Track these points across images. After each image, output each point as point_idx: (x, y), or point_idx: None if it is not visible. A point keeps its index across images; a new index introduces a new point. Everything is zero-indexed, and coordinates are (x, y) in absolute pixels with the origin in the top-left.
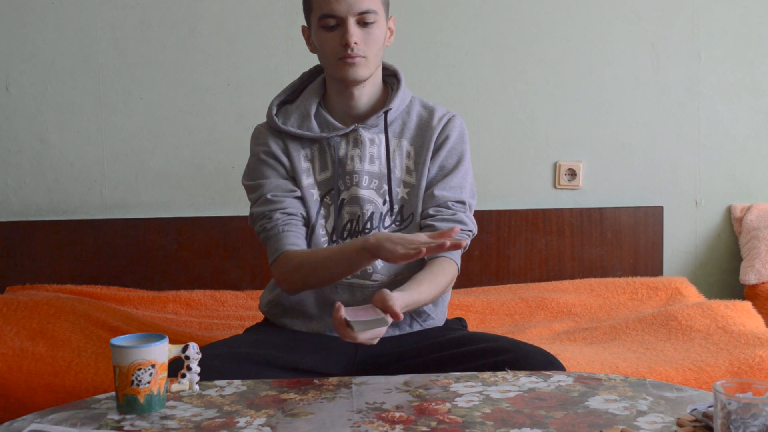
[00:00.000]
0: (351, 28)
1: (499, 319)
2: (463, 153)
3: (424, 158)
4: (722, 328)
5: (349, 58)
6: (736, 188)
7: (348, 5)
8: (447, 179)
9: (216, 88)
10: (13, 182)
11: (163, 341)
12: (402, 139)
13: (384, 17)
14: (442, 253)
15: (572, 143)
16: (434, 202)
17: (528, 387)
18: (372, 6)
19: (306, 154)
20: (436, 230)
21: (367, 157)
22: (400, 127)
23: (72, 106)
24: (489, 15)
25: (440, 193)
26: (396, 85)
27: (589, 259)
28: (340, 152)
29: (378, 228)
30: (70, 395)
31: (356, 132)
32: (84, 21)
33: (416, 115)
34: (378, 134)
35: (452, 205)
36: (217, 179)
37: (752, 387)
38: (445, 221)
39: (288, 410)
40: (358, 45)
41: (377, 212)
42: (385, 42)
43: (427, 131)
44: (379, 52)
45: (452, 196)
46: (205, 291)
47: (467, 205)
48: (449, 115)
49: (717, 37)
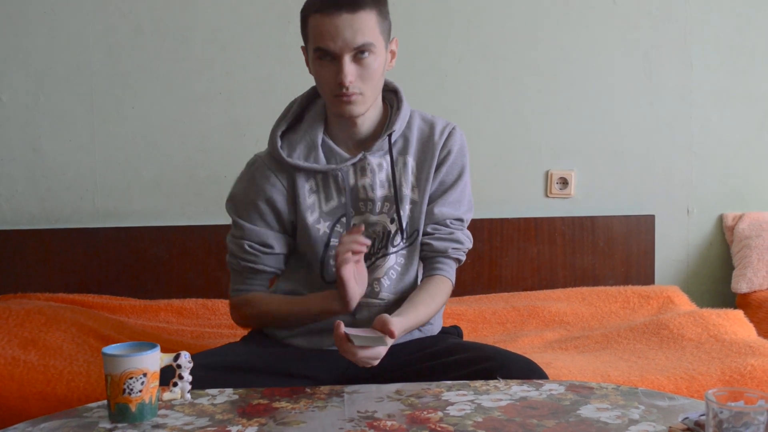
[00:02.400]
0: (346, 66)
1: (491, 327)
2: (463, 167)
3: (427, 173)
4: (714, 337)
5: (345, 96)
6: (728, 197)
7: (343, 41)
8: (446, 195)
9: (209, 97)
10: (6, 191)
11: (155, 350)
12: (406, 156)
13: (383, 45)
14: (437, 271)
15: (564, 152)
16: (433, 219)
17: (520, 396)
18: (368, 39)
19: (311, 186)
20: (433, 249)
21: (377, 184)
22: (402, 143)
23: (65, 114)
24: (482, 23)
25: (439, 210)
26: (396, 104)
27: (581, 267)
28: (350, 182)
29: (387, 248)
30: (62, 404)
31: (364, 160)
32: (77, 29)
33: (417, 129)
34: (384, 157)
35: (450, 223)
36: (209, 188)
37: (744, 395)
38: (441, 240)
39: (280, 419)
40: (353, 83)
41: (386, 233)
42: (384, 69)
43: (429, 146)
44: (377, 84)
45: (450, 213)
46: (197, 300)
47: (464, 221)
48: (449, 127)
49: (709, 46)
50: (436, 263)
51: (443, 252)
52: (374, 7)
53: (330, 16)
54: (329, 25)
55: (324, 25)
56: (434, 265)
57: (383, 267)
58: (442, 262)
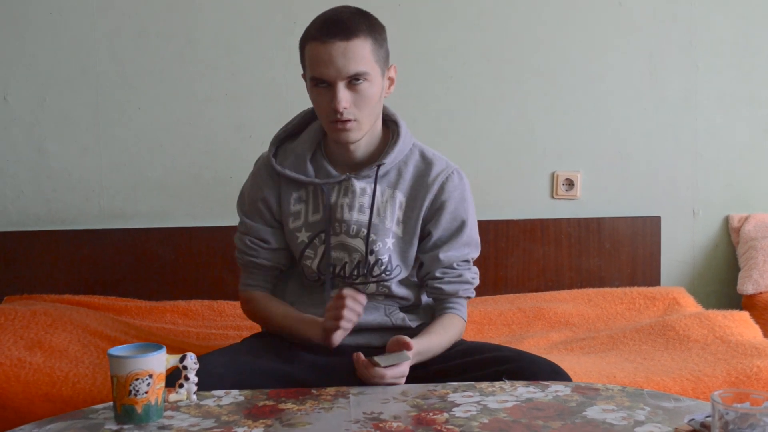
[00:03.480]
0: (340, 93)
1: (497, 329)
2: (465, 215)
3: (417, 214)
4: (720, 338)
5: (339, 123)
6: (733, 198)
7: (336, 70)
8: (452, 242)
9: (214, 99)
10: (11, 192)
11: (161, 351)
12: (396, 191)
13: (379, 73)
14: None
15: (570, 153)
16: (440, 264)
17: (526, 397)
18: (362, 68)
19: (300, 196)
20: (444, 293)
21: (356, 207)
22: (395, 177)
23: (70, 116)
24: (487, 26)
25: (445, 256)
26: (395, 137)
27: (587, 269)
28: (331, 199)
29: (366, 276)
30: (68, 405)
31: (348, 181)
32: (82, 31)
33: (413, 166)
34: (370, 184)
35: (457, 265)
36: (215, 189)
37: (750, 397)
38: (450, 284)
39: (286, 420)
40: (348, 109)
41: (364, 261)
42: (381, 96)
43: (421, 187)
44: (373, 111)
45: (457, 256)
46: (203, 301)
47: (471, 260)
48: (447, 172)
49: (715, 47)
50: (447, 304)
51: (454, 294)
52: (369, 36)
53: (324, 44)
54: (323, 53)
55: (319, 53)
56: (445, 305)
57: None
58: (453, 302)
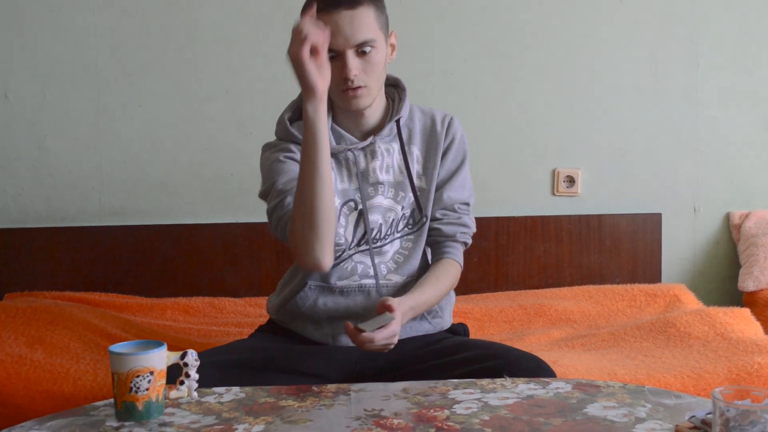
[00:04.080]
0: (350, 61)
1: (498, 326)
2: (465, 153)
3: (434, 162)
4: (721, 335)
5: (351, 90)
6: (734, 195)
7: (345, 39)
8: (452, 180)
9: (214, 96)
10: (12, 189)
11: (162, 348)
12: (411, 146)
13: (383, 39)
14: (446, 255)
15: (571, 150)
16: (441, 204)
17: (526, 394)
18: (369, 35)
19: None
20: (442, 234)
21: (384, 167)
22: (407, 134)
23: (70, 113)
24: (487, 22)
25: (447, 196)
26: (399, 94)
27: (588, 266)
28: (360, 165)
29: (392, 234)
30: (69, 402)
31: (373, 144)
32: (82, 28)
33: (419, 120)
34: (391, 143)
35: (458, 207)
36: (215, 186)
37: (751, 394)
38: (450, 225)
39: (286, 417)
40: (358, 76)
41: (398, 218)
42: (386, 62)
43: (432, 136)
44: (380, 76)
45: (458, 197)
46: (204, 298)
47: (469, 205)
48: (448, 117)
49: (716, 44)
50: (445, 247)
51: (452, 236)
52: (371, 3)
53: (330, 14)
54: (330, 23)
55: (325, 24)
56: (442, 249)
57: (389, 252)
58: (450, 246)
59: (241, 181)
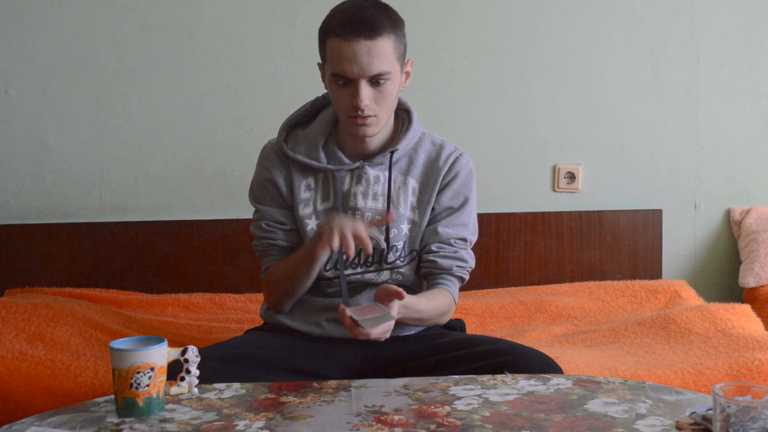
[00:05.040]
0: (362, 91)
1: (498, 322)
2: (469, 193)
3: (429, 197)
4: (721, 331)
5: (360, 118)
6: (735, 191)
7: (360, 68)
8: (452, 218)
9: (215, 92)
10: (13, 185)
11: (162, 344)
12: (408, 177)
13: (399, 70)
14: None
15: (571, 146)
16: (437, 238)
17: (527, 390)
18: (385, 68)
19: (309, 184)
20: (438, 267)
21: (370, 195)
22: (407, 164)
23: (71, 109)
24: (488, 18)
25: (443, 230)
26: (407, 125)
27: (588, 262)
28: (344, 187)
29: (380, 263)
30: (69, 398)
31: (361, 169)
32: (83, 24)
33: (424, 152)
34: (383, 171)
35: (454, 242)
36: (216, 182)
37: (751, 390)
38: (446, 258)
39: (287, 413)
40: (369, 105)
41: (378, 248)
42: (399, 91)
43: (433, 170)
44: (391, 106)
45: (455, 233)
46: (204, 294)
47: (468, 242)
48: (456, 153)
49: (716, 40)
50: (440, 279)
51: (448, 270)
52: (392, 33)
53: (348, 42)
54: (347, 50)
55: (342, 50)
56: (437, 281)
57: (378, 281)
58: (445, 278)
59: (241, 177)
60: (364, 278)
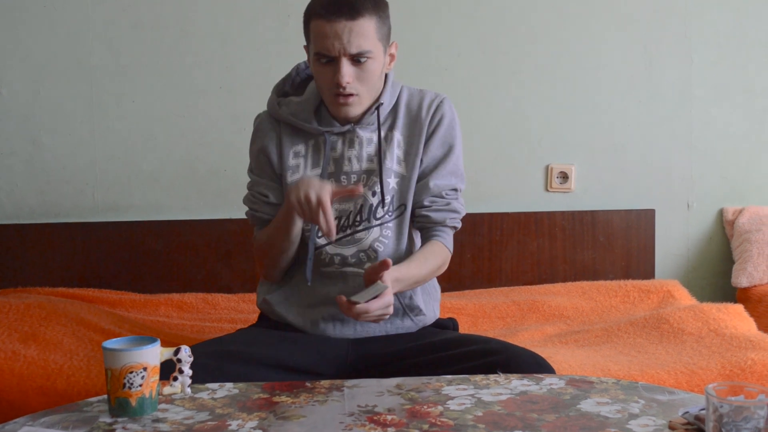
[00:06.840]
0: (343, 68)
1: (491, 322)
2: (454, 140)
3: (416, 149)
4: (714, 331)
5: (342, 97)
6: (728, 191)
7: (342, 46)
8: (440, 168)
9: (209, 91)
10: (6, 184)
11: (155, 344)
12: (393, 131)
13: (381, 51)
14: (434, 238)
15: (564, 146)
16: (429, 192)
17: (520, 390)
18: (366, 47)
19: (299, 151)
20: (431, 221)
21: (364, 157)
22: (390, 118)
23: (64, 108)
24: (482, 17)
25: (434, 184)
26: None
27: (581, 262)
28: (336, 152)
29: (369, 220)
30: (62, 398)
31: (353, 132)
32: (76, 23)
33: (405, 104)
34: (374, 131)
35: (446, 194)
36: (209, 182)
37: (744, 390)
38: (438, 212)
39: (280, 413)
40: (350, 84)
41: (366, 205)
42: (382, 72)
43: (416, 121)
44: (374, 86)
45: (445, 184)
46: (197, 294)
47: (459, 190)
48: (438, 99)
49: (709, 39)
50: (434, 231)
51: (441, 222)
52: (374, 14)
53: (330, 22)
54: (329, 30)
55: (324, 30)
56: (431, 233)
57: (367, 239)
58: (439, 230)
59: (234, 177)
60: (355, 238)
